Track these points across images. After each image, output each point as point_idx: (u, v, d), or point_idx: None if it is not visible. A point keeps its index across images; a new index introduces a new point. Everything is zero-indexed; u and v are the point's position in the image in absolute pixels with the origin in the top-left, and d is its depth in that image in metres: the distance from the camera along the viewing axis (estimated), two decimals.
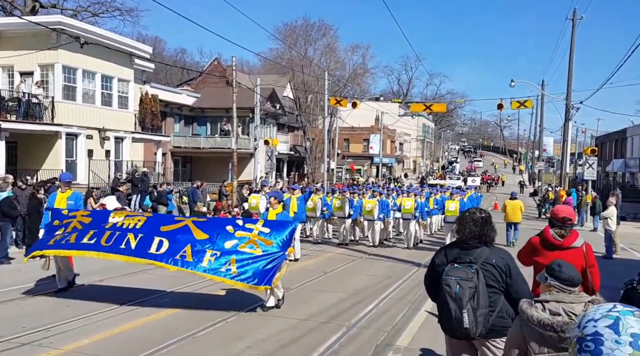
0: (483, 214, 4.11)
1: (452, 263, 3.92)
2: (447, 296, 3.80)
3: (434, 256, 4.35)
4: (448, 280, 3.82)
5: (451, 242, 4.47)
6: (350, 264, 13.63)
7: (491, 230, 4.06)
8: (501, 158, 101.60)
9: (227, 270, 7.62)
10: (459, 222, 4.14)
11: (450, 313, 3.77)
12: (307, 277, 11.46)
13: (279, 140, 41.77)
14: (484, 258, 3.89)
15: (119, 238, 7.99)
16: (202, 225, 8.16)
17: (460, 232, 4.04)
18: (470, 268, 3.81)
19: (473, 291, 3.73)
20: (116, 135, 26.46)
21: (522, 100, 28.09)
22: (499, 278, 3.87)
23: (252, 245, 7.85)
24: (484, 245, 3.97)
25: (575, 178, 43.48)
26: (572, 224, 5.00)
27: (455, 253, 4.00)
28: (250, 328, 7.47)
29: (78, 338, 6.81)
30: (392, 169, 64.99)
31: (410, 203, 15.13)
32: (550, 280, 3.16)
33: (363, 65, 46.98)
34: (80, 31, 23.36)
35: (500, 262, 3.90)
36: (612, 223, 16.37)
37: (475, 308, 3.72)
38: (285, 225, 8.36)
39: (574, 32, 31.25)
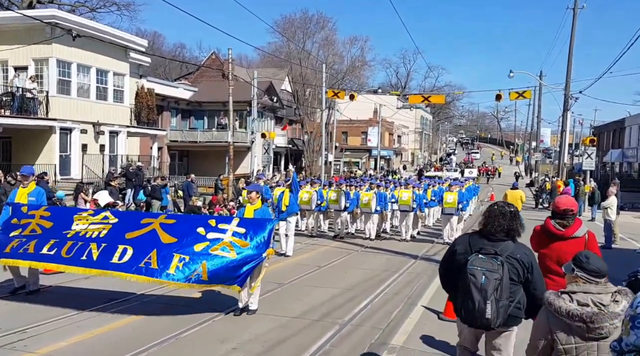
0: (512, 208, 4.10)
1: (477, 254, 3.89)
2: (471, 286, 3.77)
3: (454, 243, 4.32)
4: (474, 269, 3.80)
5: (473, 231, 4.32)
6: (346, 258, 13.19)
7: (519, 225, 4.06)
8: (498, 150, 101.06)
9: (197, 276, 6.80)
10: (487, 214, 4.11)
11: (474, 303, 3.75)
12: (300, 272, 11.03)
13: (277, 133, 41.31)
14: (509, 251, 3.91)
15: (80, 249, 7.24)
16: (171, 228, 7.35)
17: (489, 225, 4.02)
18: (496, 260, 3.81)
19: (498, 283, 3.74)
20: (111, 130, 25.97)
21: (520, 91, 27.59)
22: (521, 273, 3.91)
23: (226, 248, 7.01)
24: (510, 239, 3.98)
25: (573, 169, 43.05)
26: (574, 215, 4.91)
27: (479, 244, 3.98)
28: (236, 329, 7.01)
29: (55, 341, 6.38)
30: (390, 161, 64.51)
31: (407, 195, 14.66)
32: (577, 271, 3.15)
33: (361, 58, 46.38)
34: (74, 24, 22.81)
35: (525, 258, 3.93)
36: (612, 213, 15.95)
37: (498, 299, 3.73)
38: (262, 224, 7.38)
39: (574, 21, 30.65)
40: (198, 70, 43.46)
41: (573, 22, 30.67)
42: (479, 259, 3.85)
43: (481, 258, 3.86)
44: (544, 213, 26.85)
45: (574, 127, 64.00)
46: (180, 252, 6.98)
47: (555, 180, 30.94)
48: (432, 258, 13.42)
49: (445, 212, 14.83)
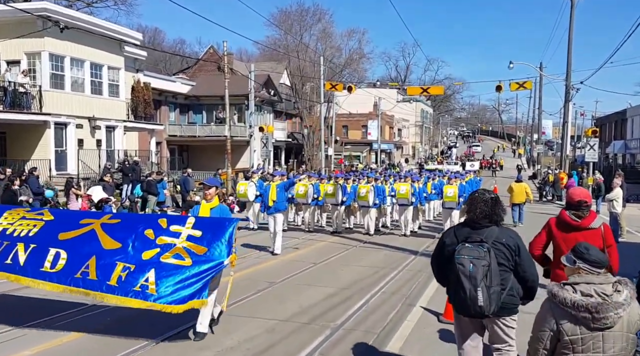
0: (492, 195, 4.10)
1: (463, 243, 3.87)
2: (460, 275, 3.75)
3: (442, 236, 4.30)
4: (461, 259, 3.77)
5: (459, 222, 4.44)
6: (343, 254, 12.59)
7: (501, 210, 4.07)
8: (499, 143, 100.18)
9: (142, 289, 5.55)
10: (470, 202, 4.10)
11: (465, 292, 3.72)
12: (294, 270, 10.44)
13: (276, 127, 40.69)
14: (494, 237, 3.88)
15: (5, 251, 6.04)
16: (113, 230, 6.08)
17: (471, 212, 4.01)
18: (482, 247, 3.78)
19: (486, 270, 3.71)
20: (107, 124, 25.34)
21: (521, 82, 26.95)
22: (509, 257, 3.86)
23: (179, 254, 5.73)
24: (493, 225, 3.96)
25: (575, 161, 42.35)
26: (589, 206, 4.85)
27: (465, 233, 3.97)
28: (218, 335, 6.41)
29: None
30: (391, 155, 63.79)
31: (405, 188, 13.97)
32: (579, 263, 3.17)
33: (359, 50, 45.54)
34: (66, 17, 22.15)
35: (510, 241, 3.89)
36: (617, 206, 15.32)
37: (489, 286, 3.69)
38: (222, 225, 6.06)
39: (572, 10, 29.89)
40: (196, 65, 42.83)
41: (571, 11, 29.90)
42: (465, 248, 3.83)
43: (468, 246, 3.83)
44: (548, 206, 26.31)
45: (575, 119, 63.24)
46: (125, 259, 5.76)
47: (558, 172, 30.27)
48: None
49: (445, 205, 14.20)
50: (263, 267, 10.85)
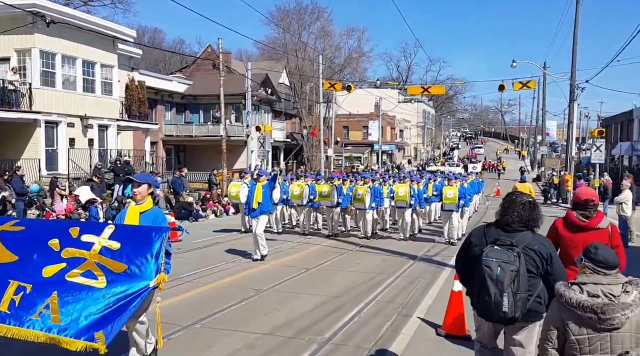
0: (530, 199, 3.97)
1: (492, 245, 3.74)
2: (487, 279, 3.62)
3: (469, 235, 4.14)
4: (489, 261, 3.65)
5: (489, 222, 4.09)
6: (338, 259, 12.01)
7: (538, 216, 3.91)
8: (503, 144, 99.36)
9: (43, 319, 4.15)
10: (506, 204, 3.95)
11: (490, 296, 3.60)
12: (284, 276, 9.85)
13: (275, 128, 40.12)
14: (526, 243, 3.75)
15: None
16: (13, 239, 4.70)
17: (507, 215, 3.86)
18: (512, 252, 3.65)
19: (515, 275, 3.58)
20: (100, 123, 24.80)
21: (524, 81, 26.37)
22: (539, 265, 3.74)
23: (91, 272, 4.36)
24: (528, 230, 3.83)
25: (580, 163, 41.68)
26: (596, 205, 4.79)
27: (495, 235, 3.83)
28: (190, 352, 5.83)
29: None
30: (393, 156, 63.14)
31: (404, 190, 13.33)
32: (585, 262, 3.15)
33: (359, 49, 44.88)
34: (57, 14, 21.62)
35: (543, 250, 3.76)
36: (627, 209, 14.69)
37: (516, 292, 3.58)
38: (147, 236, 4.59)
39: (578, 7, 29.30)
40: (194, 64, 42.31)
41: (577, 8, 29.31)
42: (494, 250, 3.69)
43: (497, 249, 3.69)
44: (554, 209, 25.68)
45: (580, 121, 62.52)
46: (20, 277, 4.36)
47: (563, 174, 29.64)
48: (432, 259, 12.24)
49: (445, 208, 13.55)
50: (252, 273, 10.28)
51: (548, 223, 4.99)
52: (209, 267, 10.45)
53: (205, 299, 8.07)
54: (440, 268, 11.09)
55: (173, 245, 13.53)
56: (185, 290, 8.50)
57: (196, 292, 8.45)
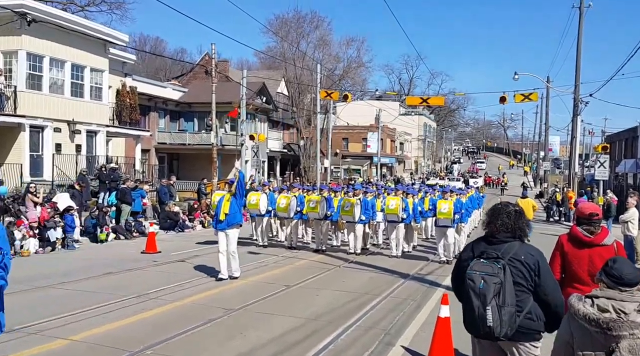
0: (516, 207, 3.82)
1: (478, 258, 3.63)
2: (470, 292, 3.51)
3: (461, 251, 4.06)
4: (472, 274, 3.54)
5: (479, 237, 3.93)
6: (323, 275, 11.24)
7: (525, 224, 3.76)
8: (505, 159, 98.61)
9: None
10: (490, 213, 3.82)
11: (473, 310, 3.47)
12: (261, 293, 9.09)
13: (271, 137, 39.52)
14: (511, 253, 3.58)
15: None
16: None
17: (492, 224, 3.73)
18: (497, 264, 3.51)
19: (498, 288, 3.43)
20: (88, 129, 24.16)
21: (526, 93, 25.63)
22: (527, 276, 3.54)
23: None
24: (516, 240, 3.67)
25: (583, 180, 40.92)
26: (599, 220, 4.67)
27: (481, 247, 3.72)
28: None
29: None
30: (393, 169, 62.43)
31: (394, 203, 12.47)
32: (601, 275, 3.00)
33: (358, 59, 44.23)
34: (45, 15, 21.15)
35: (530, 259, 3.56)
36: (633, 228, 13.93)
37: (500, 305, 3.41)
38: None
39: (581, 20, 28.80)
40: (191, 71, 41.79)
41: (579, 22, 28.83)
42: (479, 263, 3.56)
43: (482, 262, 3.56)
44: (555, 227, 24.91)
45: (583, 136, 61.90)
46: None
47: (566, 191, 28.88)
48: (425, 278, 11.46)
49: (439, 223, 12.61)
50: (225, 289, 9.51)
51: (547, 240, 4.49)
52: (180, 283, 9.69)
53: (165, 319, 7.31)
54: (432, 288, 10.33)
55: (149, 257, 12.91)
56: (145, 309, 7.75)
57: (157, 311, 7.69)
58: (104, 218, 16.03)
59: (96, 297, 8.33)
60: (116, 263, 11.74)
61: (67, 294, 8.66)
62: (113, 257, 12.87)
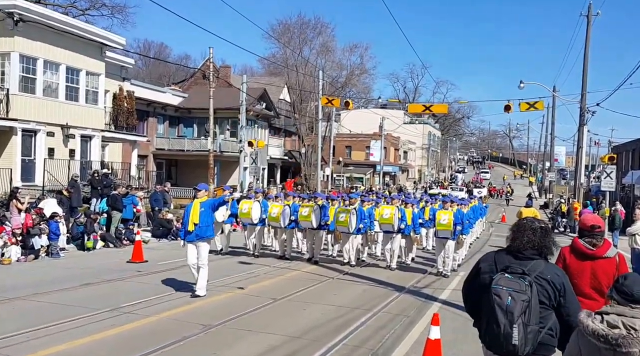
0: (542, 224, 3.69)
1: (503, 272, 3.46)
2: (496, 308, 3.34)
3: (478, 261, 3.80)
4: (499, 290, 3.36)
5: (500, 248, 3.75)
6: (314, 288, 10.70)
7: (551, 242, 3.61)
8: (510, 170, 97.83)
9: None
10: (515, 229, 3.67)
11: (499, 326, 3.31)
12: (245, 307, 8.56)
13: (271, 144, 39.08)
14: (538, 271, 3.44)
15: None
16: None
17: (517, 240, 3.57)
18: (524, 280, 3.37)
19: (526, 306, 3.30)
20: (83, 133, 23.74)
21: (531, 102, 25.10)
22: (552, 296, 3.45)
23: None
24: (541, 258, 3.54)
25: (589, 191, 40.24)
26: (602, 232, 4.66)
27: (506, 261, 3.54)
28: None
29: None
30: (396, 178, 61.86)
31: (389, 212, 11.82)
32: (611, 292, 2.93)
33: (361, 66, 43.72)
34: (39, 16, 20.81)
35: (556, 279, 3.48)
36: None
37: (527, 323, 3.29)
38: None
39: (588, 29, 28.34)
40: (192, 77, 41.44)
41: (587, 30, 28.36)
42: (504, 278, 3.43)
43: (507, 277, 3.43)
44: (561, 238, 24.27)
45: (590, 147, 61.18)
46: None
47: (572, 201, 28.26)
48: (421, 291, 10.92)
49: (438, 235, 12.00)
50: (208, 303, 8.99)
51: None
52: (160, 295, 9.18)
53: (135, 337, 6.79)
54: (427, 303, 9.79)
55: (134, 267, 12.40)
56: (115, 324, 7.23)
57: (127, 328, 7.16)
58: (91, 226, 15.55)
59: (66, 311, 7.82)
60: (98, 273, 11.24)
61: (37, 307, 8.14)
62: (97, 266, 12.38)
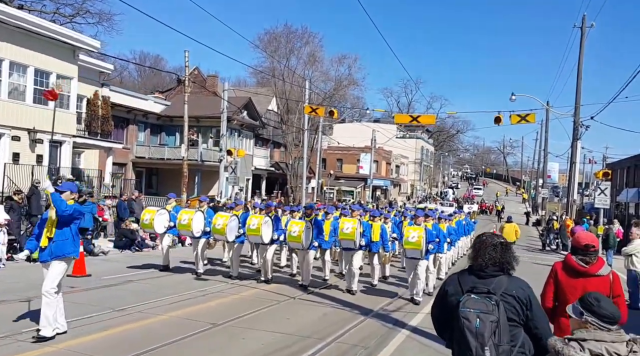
0: (502, 239, 3.51)
1: (469, 294, 3.31)
2: (466, 331, 3.18)
3: (444, 283, 3.66)
4: (467, 312, 3.21)
5: (463, 269, 3.58)
6: (266, 310, 9.31)
7: (512, 257, 3.46)
8: (504, 186, 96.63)
9: None
10: (475, 246, 3.53)
11: (471, 351, 3.18)
12: (171, 335, 7.17)
13: (257, 155, 37.86)
14: (503, 288, 3.31)
15: None
16: None
17: (479, 258, 3.42)
18: (490, 300, 3.23)
19: (495, 326, 3.17)
20: (52, 138, 22.39)
21: (523, 114, 23.91)
22: (520, 311, 3.31)
23: None
24: (503, 273, 3.38)
25: (583, 208, 39.00)
26: (596, 251, 4.48)
27: (470, 282, 3.38)
28: None
29: None
30: (388, 192, 60.54)
31: (350, 227, 10.20)
32: (587, 316, 2.78)
33: (349, 76, 42.43)
34: (7, 16, 19.63)
35: (521, 294, 3.33)
36: (637, 262, 12.04)
37: (498, 344, 3.16)
38: None
39: (582, 41, 27.32)
40: (179, 86, 40.24)
41: (581, 42, 27.34)
42: (471, 300, 3.23)
43: (474, 298, 3.24)
44: (552, 256, 22.93)
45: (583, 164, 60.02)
46: None
47: (564, 218, 26.95)
48: (390, 315, 9.57)
49: (407, 254, 10.13)
50: (128, 329, 7.60)
51: (540, 271, 3.98)
52: (70, 319, 7.67)
53: None
54: (394, 330, 8.45)
55: (71, 282, 10.96)
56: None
57: None
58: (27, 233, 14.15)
59: None
60: (22, 289, 9.82)
61: None
62: (31, 280, 10.90)
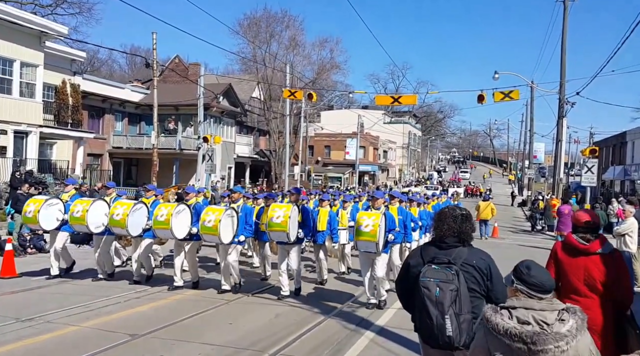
0: (463, 211, 3.50)
1: (429, 264, 3.31)
2: (426, 300, 3.19)
3: (407, 257, 3.70)
4: (426, 282, 3.22)
5: (426, 241, 3.69)
6: (206, 314, 7.73)
7: (470, 228, 3.48)
8: (491, 168, 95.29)
9: None
10: (437, 218, 3.52)
11: (431, 318, 3.16)
12: (78, 351, 5.60)
13: (240, 142, 36.19)
14: (463, 258, 3.31)
15: None
16: None
17: (438, 229, 3.44)
18: (450, 270, 3.23)
19: (455, 295, 3.15)
20: (16, 129, 20.69)
21: (506, 91, 22.30)
22: (480, 281, 3.28)
23: None
24: (462, 245, 3.38)
25: (569, 188, 37.59)
26: (598, 228, 4.12)
27: (432, 253, 3.39)
28: None
29: None
30: (375, 177, 58.97)
31: (282, 213, 7.90)
32: (517, 284, 2.66)
33: (332, 60, 40.60)
34: None
35: (481, 264, 3.31)
36: (631, 242, 10.55)
37: (458, 313, 3.14)
38: None
39: (565, 16, 25.64)
40: (161, 75, 38.37)
41: (564, 16, 25.69)
42: (431, 270, 3.24)
43: (434, 268, 3.24)
44: (538, 238, 21.46)
45: (569, 144, 58.68)
46: None
47: (549, 198, 25.47)
48: (355, 313, 8.02)
49: (359, 247, 7.79)
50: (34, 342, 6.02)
51: None
52: None
53: None
54: (357, 332, 6.96)
55: None
56: None
57: None
58: None
59: None
60: None
61: None
62: None
